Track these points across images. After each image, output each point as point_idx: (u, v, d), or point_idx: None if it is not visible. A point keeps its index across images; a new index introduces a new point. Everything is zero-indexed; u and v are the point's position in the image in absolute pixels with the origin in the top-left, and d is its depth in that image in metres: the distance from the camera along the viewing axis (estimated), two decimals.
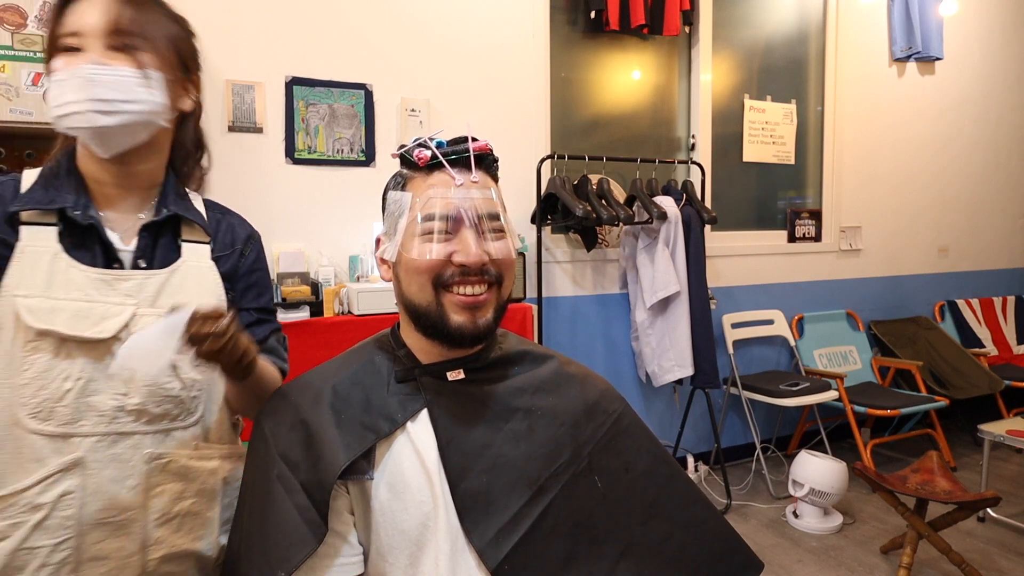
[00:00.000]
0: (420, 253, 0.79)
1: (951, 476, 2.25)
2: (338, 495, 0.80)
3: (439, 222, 0.79)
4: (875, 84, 3.69)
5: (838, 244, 3.63)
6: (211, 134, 2.48)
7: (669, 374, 2.80)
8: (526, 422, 0.84)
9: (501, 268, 0.82)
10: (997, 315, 4.08)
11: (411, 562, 0.78)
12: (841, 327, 3.56)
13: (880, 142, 3.73)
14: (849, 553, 2.42)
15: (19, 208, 0.78)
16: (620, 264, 2.97)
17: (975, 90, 4.06)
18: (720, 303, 3.18)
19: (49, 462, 0.75)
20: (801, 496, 2.59)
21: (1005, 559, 2.35)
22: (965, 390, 3.26)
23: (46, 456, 0.75)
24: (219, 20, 2.23)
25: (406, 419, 0.82)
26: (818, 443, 3.16)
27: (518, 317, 2.38)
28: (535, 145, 2.78)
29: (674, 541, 0.85)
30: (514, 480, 0.80)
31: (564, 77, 2.97)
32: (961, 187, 4.08)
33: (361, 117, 2.45)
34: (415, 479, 0.79)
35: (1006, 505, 2.66)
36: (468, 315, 0.80)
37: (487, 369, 0.87)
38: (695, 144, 3.23)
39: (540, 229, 2.68)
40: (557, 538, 0.79)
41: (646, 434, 0.92)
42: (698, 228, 2.84)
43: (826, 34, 3.55)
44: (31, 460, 0.75)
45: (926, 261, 3.98)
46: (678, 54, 3.25)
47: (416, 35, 2.54)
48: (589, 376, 0.94)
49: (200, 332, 0.72)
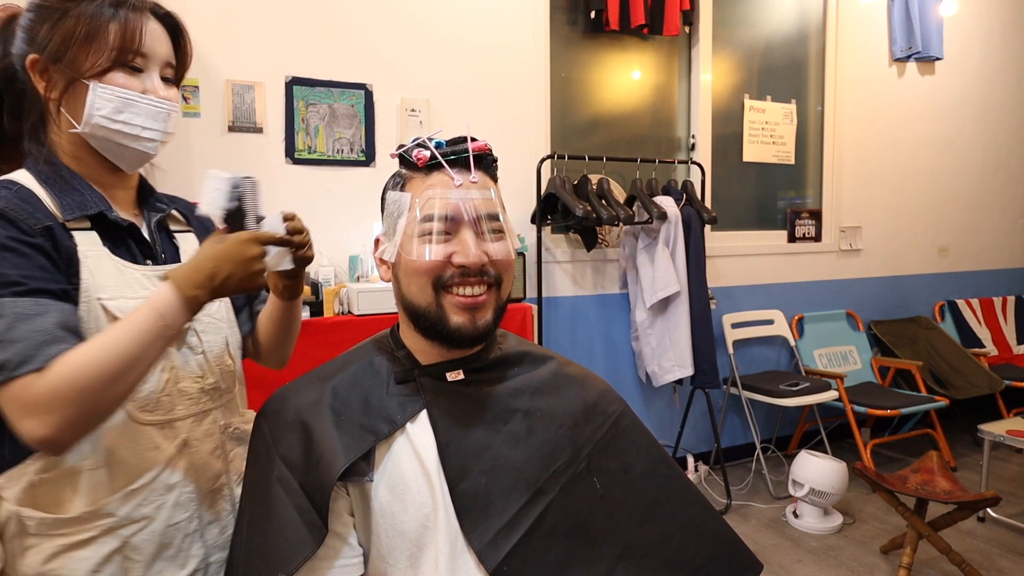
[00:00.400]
0: (419, 254, 0.79)
1: (951, 476, 2.25)
2: (338, 497, 0.80)
3: (438, 222, 0.79)
4: (875, 84, 3.69)
5: (838, 244, 3.63)
6: (211, 134, 2.49)
7: (669, 374, 2.80)
8: (525, 423, 0.84)
9: (500, 269, 0.82)
10: (997, 315, 4.08)
11: (411, 563, 0.78)
12: (841, 327, 3.56)
13: (880, 142, 3.73)
14: (849, 553, 2.42)
15: (74, 216, 0.79)
16: (620, 264, 2.97)
17: (975, 90, 4.06)
18: (720, 303, 3.18)
19: (164, 447, 0.83)
20: (801, 496, 2.59)
21: (1005, 559, 2.35)
22: (965, 390, 3.26)
23: (160, 443, 0.82)
24: (219, 20, 2.23)
25: (405, 420, 0.82)
26: (818, 443, 3.16)
27: (518, 317, 2.38)
28: (535, 145, 2.78)
29: (673, 542, 0.85)
30: (513, 481, 0.80)
31: (564, 77, 2.97)
32: (961, 187, 4.08)
33: (361, 117, 2.45)
34: (415, 480, 0.79)
35: (1006, 505, 2.66)
36: (468, 316, 0.80)
37: (486, 370, 0.87)
38: (695, 144, 3.23)
39: (540, 229, 2.68)
40: (556, 539, 0.79)
41: (645, 435, 0.92)
42: (698, 228, 2.84)
43: (826, 34, 3.55)
44: (149, 449, 0.81)
45: (926, 261, 3.98)
46: (678, 54, 3.24)
47: (416, 35, 2.54)
48: (588, 377, 0.94)
49: (298, 225, 0.88)
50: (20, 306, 0.69)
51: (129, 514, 0.79)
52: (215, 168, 0.90)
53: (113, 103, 0.79)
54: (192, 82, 2.21)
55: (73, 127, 0.80)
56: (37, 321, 0.69)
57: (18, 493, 0.75)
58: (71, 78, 0.79)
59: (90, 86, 0.78)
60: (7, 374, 0.67)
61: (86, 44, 0.78)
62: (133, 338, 0.72)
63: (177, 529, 0.84)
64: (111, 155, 0.84)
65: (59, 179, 0.81)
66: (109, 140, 0.81)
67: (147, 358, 0.74)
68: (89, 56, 0.78)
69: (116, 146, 0.82)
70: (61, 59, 0.78)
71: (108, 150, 0.83)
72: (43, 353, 0.68)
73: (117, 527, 0.78)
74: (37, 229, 0.74)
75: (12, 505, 0.75)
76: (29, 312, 0.69)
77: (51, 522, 0.75)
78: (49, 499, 0.76)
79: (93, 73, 0.79)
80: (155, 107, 0.83)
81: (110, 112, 0.79)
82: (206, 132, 2.24)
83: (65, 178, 0.81)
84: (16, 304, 0.69)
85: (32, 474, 0.75)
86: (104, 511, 0.77)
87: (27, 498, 0.75)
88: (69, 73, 0.78)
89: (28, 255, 0.72)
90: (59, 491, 0.76)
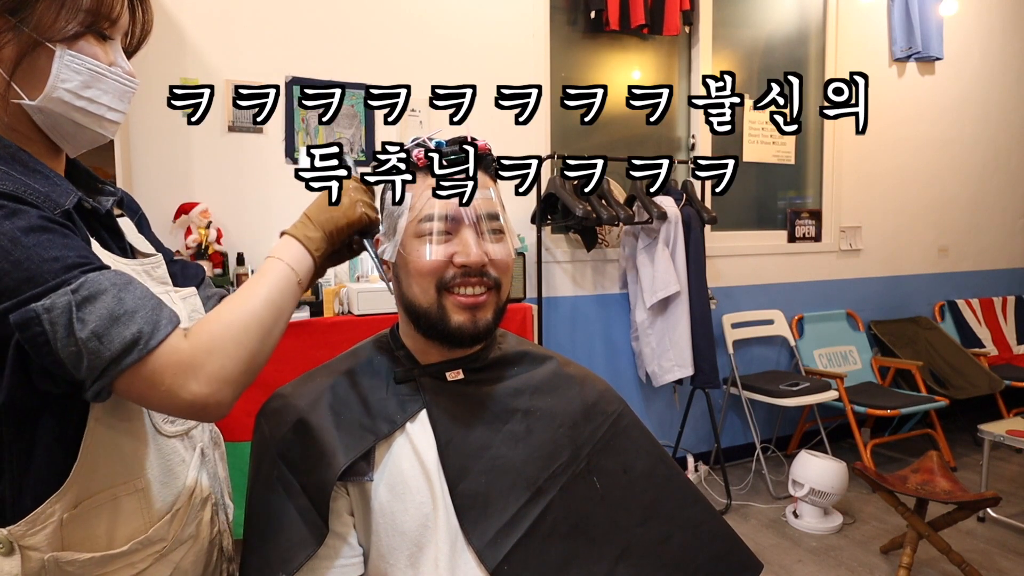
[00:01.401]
0: (421, 254, 0.79)
1: (951, 476, 2.25)
2: (338, 496, 0.80)
3: (438, 222, 0.79)
4: (875, 84, 3.66)
5: (838, 244, 3.62)
6: (211, 134, 2.49)
7: (669, 374, 2.80)
8: (524, 423, 0.84)
9: (500, 271, 0.82)
10: (997, 315, 4.08)
11: (411, 563, 0.78)
12: (841, 327, 3.56)
13: (880, 142, 3.72)
14: (849, 553, 2.42)
15: (75, 202, 0.66)
16: (620, 264, 2.97)
17: (975, 90, 4.06)
18: (720, 303, 3.18)
19: (188, 459, 0.77)
20: (801, 496, 2.59)
21: (1005, 559, 2.35)
22: (965, 390, 3.26)
23: (184, 455, 0.76)
24: (219, 20, 2.23)
25: (405, 420, 0.82)
26: (818, 443, 3.16)
27: (518, 317, 2.38)
28: (535, 145, 2.78)
29: (673, 542, 0.85)
30: (513, 481, 0.80)
31: (564, 77, 2.97)
32: (961, 187, 4.08)
33: (361, 117, 2.45)
34: (415, 480, 0.79)
35: (1006, 505, 2.65)
36: (468, 315, 0.80)
37: (486, 370, 0.88)
38: (695, 144, 3.23)
39: (540, 229, 2.68)
40: (556, 539, 0.79)
41: (645, 435, 0.92)
42: (698, 228, 2.84)
43: (826, 34, 3.55)
44: (177, 463, 0.74)
45: (926, 261, 3.98)
46: (678, 54, 3.24)
47: (416, 35, 2.54)
48: (588, 377, 0.94)
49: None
50: (108, 278, 0.58)
51: (178, 535, 0.72)
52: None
53: (82, 76, 0.65)
54: (192, 82, 2.21)
55: (20, 98, 0.64)
56: (137, 288, 0.60)
57: (48, 537, 0.62)
58: (32, 40, 0.62)
59: (56, 52, 0.63)
60: (146, 344, 0.57)
61: (56, 0, 0.63)
62: (274, 289, 0.69)
63: (213, 545, 0.80)
64: (58, 135, 0.68)
65: (14, 160, 0.64)
66: (64, 118, 0.66)
67: (286, 313, 0.70)
68: (60, 16, 0.63)
69: (72, 125, 0.67)
70: (18, 12, 0.62)
71: (57, 128, 0.67)
72: (166, 315, 0.60)
73: (168, 552, 0.71)
74: (58, 214, 0.62)
75: (46, 552, 0.62)
76: (124, 281, 0.59)
77: (99, 560, 0.64)
78: (87, 535, 0.64)
79: (62, 38, 0.64)
80: (124, 84, 0.70)
81: (76, 86, 0.65)
82: (206, 132, 2.24)
83: (23, 160, 0.65)
84: (103, 277, 0.58)
85: (60, 512, 0.62)
86: (156, 537, 0.69)
87: (60, 540, 0.63)
88: (28, 33, 0.62)
89: (69, 236, 0.61)
90: (96, 523, 0.65)
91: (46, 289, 0.55)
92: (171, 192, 2.19)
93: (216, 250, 2.17)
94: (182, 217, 2.15)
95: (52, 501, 0.62)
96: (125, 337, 0.57)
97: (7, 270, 0.55)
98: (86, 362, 0.56)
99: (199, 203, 2.15)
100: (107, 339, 0.56)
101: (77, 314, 0.55)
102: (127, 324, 0.57)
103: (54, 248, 0.57)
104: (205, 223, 2.15)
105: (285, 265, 0.73)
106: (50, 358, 0.55)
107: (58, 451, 0.63)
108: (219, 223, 2.21)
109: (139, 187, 2.14)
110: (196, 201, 2.17)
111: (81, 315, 0.55)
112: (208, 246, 2.14)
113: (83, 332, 0.55)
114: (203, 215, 2.15)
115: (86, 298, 0.56)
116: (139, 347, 0.57)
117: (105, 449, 0.65)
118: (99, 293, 0.57)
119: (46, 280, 0.55)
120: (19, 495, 0.62)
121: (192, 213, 2.14)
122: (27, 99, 0.64)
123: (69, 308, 0.55)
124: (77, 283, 0.56)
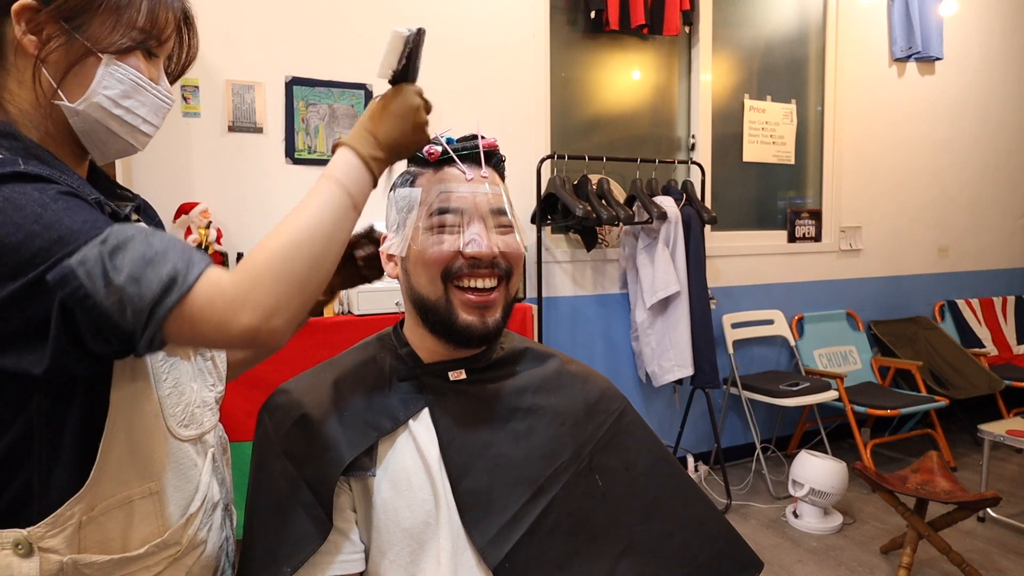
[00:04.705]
0: (430, 245, 0.79)
1: (951, 476, 2.25)
2: (341, 492, 0.80)
3: (451, 215, 0.79)
4: (875, 84, 3.69)
5: (838, 244, 3.63)
6: (211, 134, 2.49)
7: (669, 374, 2.80)
8: (527, 421, 0.84)
9: (511, 261, 0.82)
10: (997, 315, 4.08)
11: (412, 560, 0.78)
12: (841, 327, 3.56)
13: (880, 142, 3.73)
14: (849, 553, 2.42)
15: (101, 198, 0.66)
16: (620, 264, 2.97)
17: (975, 90, 4.06)
18: (720, 303, 3.18)
19: (200, 464, 0.76)
20: (801, 496, 2.59)
21: (1005, 559, 2.35)
22: (965, 390, 3.26)
23: (196, 459, 0.75)
24: (219, 20, 2.23)
25: (408, 417, 0.82)
26: (818, 443, 3.16)
27: (518, 317, 2.38)
28: (535, 145, 2.78)
29: (675, 540, 0.85)
30: (515, 479, 0.80)
31: (564, 77, 2.97)
32: (961, 187, 4.09)
33: None
34: (417, 477, 0.79)
35: (1006, 505, 2.66)
36: (477, 314, 0.80)
37: (489, 369, 0.87)
38: (695, 144, 3.23)
39: (540, 229, 2.68)
40: (558, 537, 0.79)
41: (647, 432, 0.92)
42: (698, 228, 2.84)
43: (826, 34, 3.56)
44: (190, 468, 0.74)
45: (926, 261, 3.98)
46: (678, 54, 3.25)
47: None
48: (590, 375, 0.94)
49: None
50: (133, 227, 0.59)
51: (192, 540, 0.72)
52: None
53: (124, 85, 0.68)
54: (192, 82, 2.21)
55: (59, 99, 0.66)
56: (163, 233, 0.60)
57: (67, 539, 0.62)
58: (83, 48, 0.65)
59: (103, 60, 0.66)
60: (184, 280, 0.57)
61: (113, 14, 0.66)
62: (325, 210, 0.67)
63: (221, 551, 0.79)
64: (90, 140, 0.70)
65: (37, 160, 0.64)
66: (100, 124, 0.69)
67: (339, 236, 0.68)
68: (115, 30, 0.66)
69: (106, 132, 0.69)
70: (73, 20, 0.65)
71: (91, 133, 0.69)
72: (198, 254, 0.59)
73: (182, 556, 0.72)
74: (92, 199, 0.63)
75: (64, 555, 0.62)
76: (149, 230, 0.59)
77: (117, 562, 0.65)
78: (102, 537, 0.65)
79: (114, 50, 0.67)
80: (161, 100, 0.72)
81: (117, 94, 0.68)
82: (206, 132, 2.24)
83: (46, 160, 0.65)
84: (127, 226, 0.58)
85: (79, 514, 0.63)
86: (172, 540, 0.70)
87: (78, 543, 0.63)
88: (81, 41, 0.65)
89: (96, 209, 0.62)
90: (111, 526, 0.66)
91: (77, 246, 0.56)
92: (171, 192, 2.19)
93: (216, 250, 2.17)
94: (182, 217, 2.15)
95: (73, 503, 0.62)
96: (162, 276, 0.56)
97: (38, 232, 0.56)
98: (129, 309, 0.56)
99: (199, 203, 2.15)
100: (145, 281, 0.56)
101: (110, 263, 0.55)
102: (161, 264, 0.57)
103: (83, 212, 0.58)
104: (205, 223, 2.15)
105: (342, 189, 0.70)
106: (96, 311, 0.55)
107: (81, 448, 0.64)
108: (219, 223, 2.21)
109: (139, 187, 2.14)
110: (196, 201, 2.17)
111: (115, 263, 0.55)
112: (208, 246, 2.14)
113: (119, 279, 0.55)
114: (203, 215, 2.15)
115: (116, 247, 0.56)
116: (178, 284, 0.57)
117: (122, 451, 0.66)
118: (127, 240, 0.57)
119: (77, 239, 0.56)
120: (46, 489, 0.62)
121: (192, 213, 2.14)
122: (67, 101, 0.66)
123: (101, 258, 0.55)
124: (104, 234, 0.57)
